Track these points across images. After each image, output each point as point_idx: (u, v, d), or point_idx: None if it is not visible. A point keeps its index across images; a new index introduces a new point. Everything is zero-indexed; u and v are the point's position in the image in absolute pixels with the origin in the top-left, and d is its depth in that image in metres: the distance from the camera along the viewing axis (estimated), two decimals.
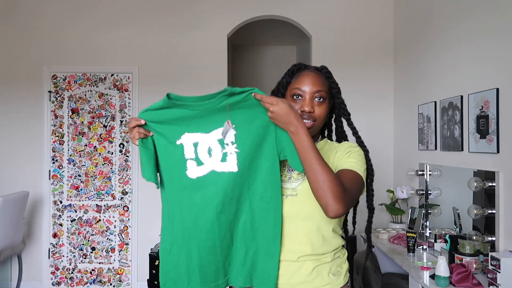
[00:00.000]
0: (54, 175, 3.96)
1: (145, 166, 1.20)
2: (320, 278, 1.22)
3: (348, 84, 3.89)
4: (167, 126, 1.17)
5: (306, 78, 1.27)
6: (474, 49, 2.51)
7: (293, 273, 1.22)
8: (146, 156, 1.19)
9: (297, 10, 3.95)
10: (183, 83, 3.96)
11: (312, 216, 1.21)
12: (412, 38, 3.47)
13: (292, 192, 1.24)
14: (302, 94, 1.26)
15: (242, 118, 1.15)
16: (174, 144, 1.18)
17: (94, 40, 3.98)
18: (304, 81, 1.27)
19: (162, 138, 1.19)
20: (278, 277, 1.21)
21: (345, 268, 1.29)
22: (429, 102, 3.07)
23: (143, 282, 3.85)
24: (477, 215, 2.30)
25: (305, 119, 1.24)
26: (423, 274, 2.20)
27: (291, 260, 1.22)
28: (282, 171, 1.28)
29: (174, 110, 1.17)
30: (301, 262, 1.22)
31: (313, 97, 1.26)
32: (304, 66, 1.33)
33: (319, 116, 1.27)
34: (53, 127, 3.97)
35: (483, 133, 2.36)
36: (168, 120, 1.17)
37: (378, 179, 4.22)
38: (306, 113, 1.24)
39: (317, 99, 1.26)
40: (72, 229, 3.95)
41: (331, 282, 1.23)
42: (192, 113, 1.16)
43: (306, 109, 1.24)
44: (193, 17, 3.96)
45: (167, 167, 1.21)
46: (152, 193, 3.97)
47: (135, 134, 1.16)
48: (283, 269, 1.22)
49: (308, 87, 1.26)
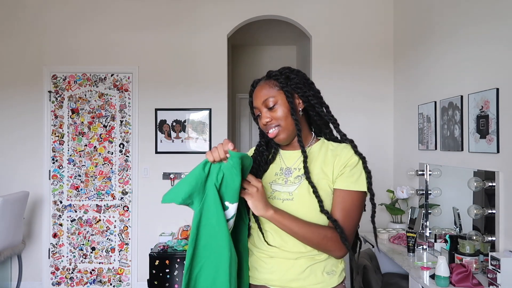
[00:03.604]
0: (54, 175, 3.96)
1: (182, 187, 1.13)
2: (313, 276, 1.22)
3: (348, 84, 3.92)
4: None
5: (255, 95, 1.30)
6: (474, 49, 2.51)
7: (286, 270, 1.23)
8: (195, 177, 1.13)
9: (297, 10, 3.95)
10: (183, 83, 3.96)
11: (308, 219, 1.21)
12: (412, 38, 3.47)
13: (288, 196, 1.24)
14: (258, 111, 1.30)
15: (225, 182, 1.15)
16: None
17: (94, 40, 3.98)
18: (255, 99, 1.30)
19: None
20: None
21: (341, 267, 1.29)
22: (429, 102, 3.07)
23: (143, 282, 3.85)
24: (477, 215, 2.30)
25: (270, 129, 1.27)
26: (423, 274, 2.20)
27: (286, 257, 1.23)
28: (280, 175, 1.30)
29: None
30: (296, 260, 1.23)
31: (263, 108, 1.28)
32: (256, 82, 1.34)
33: (278, 118, 1.25)
34: (53, 127, 3.97)
35: (483, 133, 2.36)
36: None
37: (378, 179, 4.23)
38: (264, 125, 1.28)
39: (265, 108, 1.27)
40: (72, 229, 3.95)
41: (324, 281, 1.23)
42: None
43: (264, 121, 1.27)
44: (193, 17, 3.97)
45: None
46: (152, 193, 3.98)
47: (216, 154, 1.12)
48: (278, 265, 1.24)
49: (257, 103, 1.29)
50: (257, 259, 1.28)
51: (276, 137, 1.28)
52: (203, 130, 3.96)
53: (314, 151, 1.30)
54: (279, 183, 1.28)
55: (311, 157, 1.28)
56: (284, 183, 1.27)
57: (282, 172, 1.30)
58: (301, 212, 1.21)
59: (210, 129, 3.96)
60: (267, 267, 1.26)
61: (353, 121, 3.89)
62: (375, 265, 2.90)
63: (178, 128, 3.95)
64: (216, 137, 3.96)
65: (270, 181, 1.31)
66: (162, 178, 3.95)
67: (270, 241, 1.26)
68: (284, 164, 1.32)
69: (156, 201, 3.94)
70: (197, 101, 3.96)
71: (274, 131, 1.27)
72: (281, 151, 1.37)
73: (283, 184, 1.27)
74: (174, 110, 3.95)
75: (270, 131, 1.28)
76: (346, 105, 3.89)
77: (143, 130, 3.96)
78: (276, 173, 1.32)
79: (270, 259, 1.26)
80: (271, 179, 1.32)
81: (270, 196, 1.27)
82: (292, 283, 1.22)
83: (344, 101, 3.89)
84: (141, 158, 3.96)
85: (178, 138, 3.96)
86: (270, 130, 1.28)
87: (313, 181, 1.21)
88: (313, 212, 1.21)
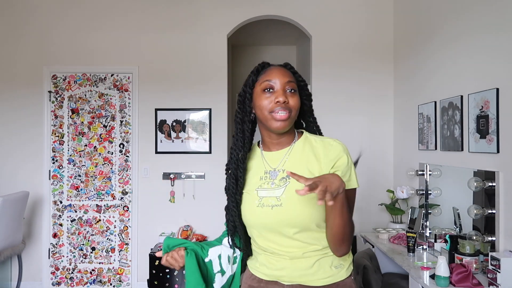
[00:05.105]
0: (54, 175, 3.96)
1: (195, 278, 1.30)
2: (322, 271, 1.22)
3: (348, 84, 3.92)
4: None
5: (275, 71, 1.24)
6: (474, 49, 2.51)
7: (295, 266, 1.22)
8: (194, 266, 1.31)
9: (297, 10, 3.95)
10: (183, 83, 3.96)
11: (300, 223, 1.19)
12: (412, 38, 3.47)
13: (276, 201, 1.20)
14: (273, 86, 1.22)
15: None
16: (204, 261, 1.35)
17: (94, 40, 3.98)
18: (272, 74, 1.23)
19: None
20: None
21: (349, 261, 1.28)
22: (429, 102, 3.07)
23: (143, 282, 3.85)
24: (477, 215, 2.30)
25: (280, 110, 1.19)
26: (423, 274, 2.20)
27: (293, 257, 1.23)
28: (264, 178, 1.25)
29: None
30: (303, 255, 1.22)
31: (284, 88, 1.21)
32: (268, 63, 1.30)
33: (294, 106, 1.22)
34: (53, 127, 3.97)
35: (483, 133, 2.36)
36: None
37: (378, 179, 4.23)
38: (281, 103, 1.19)
39: (289, 90, 1.22)
40: (72, 229, 3.95)
41: (333, 275, 1.23)
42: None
43: (281, 99, 1.19)
44: (193, 17, 3.96)
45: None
46: (152, 193, 3.98)
47: (174, 256, 1.32)
48: (286, 262, 1.23)
49: (278, 79, 1.22)
50: (266, 257, 1.27)
51: (282, 121, 1.20)
52: (203, 130, 3.96)
53: (297, 149, 1.26)
54: (265, 188, 1.23)
55: (296, 156, 1.25)
56: (271, 186, 1.22)
57: (267, 176, 1.25)
58: (293, 217, 1.18)
59: (210, 129, 3.96)
60: (277, 264, 1.25)
61: (353, 121, 3.89)
62: (375, 265, 2.90)
63: (178, 128, 3.95)
64: (216, 137, 3.96)
65: (256, 188, 1.25)
66: (162, 178, 3.95)
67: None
68: (269, 166, 1.27)
69: (156, 201, 3.94)
70: (197, 101, 3.96)
71: (285, 114, 1.20)
72: (264, 153, 1.30)
73: (270, 188, 1.22)
74: (174, 110, 3.95)
75: (281, 112, 1.19)
76: (346, 105, 3.89)
77: (143, 130, 3.96)
78: (260, 177, 1.26)
79: (278, 256, 1.25)
80: (256, 185, 1.25)
81: (258, 205, 1.22)
82: (301, 278, 1.23)
83: (344, 101, 3.89)
84: (141, 158, 3.96)
85: (178, 138, 3.96)
86: (281, 111, 1.19)
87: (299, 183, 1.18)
88: (305, 215, 1.17)
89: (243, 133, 1.27)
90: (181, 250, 1.32)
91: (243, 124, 1.27)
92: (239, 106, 1.28)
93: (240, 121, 1.27)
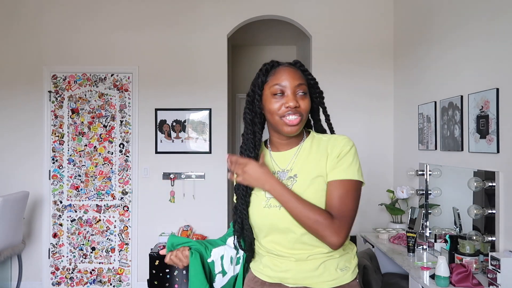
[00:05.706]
0: (54, 175, 3.96)
1: (199, 279, 1.32)
2: (327, 273, 1.21)
3: (348, 84, 3.92)
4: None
5: (284, 73, 1.21)
6: (474, 49, 2.51)
7: (300, 268, 1.21)
8: (198, 267, 1.32)
9: (297, 10, 3.95)
10: (183, 83, 3.96)
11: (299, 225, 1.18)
12: (412, 38, 3.47)
13: (276, 202, 1.19)
14: (283, 90, 1.20)
15: None
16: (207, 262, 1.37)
17: (94, 40, 3.98)
18: (282, 76, 1.20)
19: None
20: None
21: (354, 263, 1.27)
22: (429, 102, 3.07)
23: (143, 282, 3.85)
24: (477, 215, 2.30)
25: (291, 114, 1.18)
26: (423, 274, 2.20)
27: (300, 257, 1.22)
28: None
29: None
30: (307, 258, 1.21)
31: (295, 92, 1.20)
32: (277, 62, 1.26)
33: (305, 110, 1.21)
34: (53, 127, 3.97)
35: (483, 133, 2.36)
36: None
37: (378, 179, 4.22)
38: (291, 108, 1.18)
39: (300, 93, 1.20)
40: (72, 229, 3.95)
41: (338, 277, 1.22)
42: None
43: (292, 104, 1.17)
44: (193, 17, 3.96)
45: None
46: (152, 193, 3.98)
47: (178, 255, 1.32)
48: (291, 264, 1.22)
49: (288, 82, 1.19)
50: (271, 259, 1.27)
51: (293, 126, 1.19)
52: (203, 130, 3.96)
53: (305, 148, 1.27)
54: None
55: (304, 155, 1.25)
56: None
57: (276, 176, 1.23)
58: (291, 218, 1.18)
59: (210, 129, 3.96)
60: (281, 266, 1.24)
61: (353, 122, 3.88)
62: (375, 265, 2.90)
63: (178, 128, 3.95)
64: (216, 137, 3.96)
65: None
66: (162, 178, 3.95)
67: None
68: (278, 166, 1.27)
69: (156, 201, 3.94)
70: (197, 101, 3.96)
71: (296, 118, 1.19)
72: (272, 153, 1.30)
73: None
74: (174, 110, 3.95)
75: (291, 117, 1.18)
76: (346, 105, 3.89)
77: (143, 130, 3.96)
78: None
79: (283, 258, 1.24)
80: None
81: (265, 206, 1.22)
82: (306, 280, 1.21)
83: (344, 101, 3.89)
84: (141, 158, 3.96)
85: (178, 138, 3.96)
86: (291, 116, 1.18)
87: (308, 181, 1.19)
88: None
89: (254, 135, 1.25)
90: (185, 250, 1.31)
91: (254, 126, 1.26)
92: (248, 107, 1.27)
93: (250, 122, 1.26)
